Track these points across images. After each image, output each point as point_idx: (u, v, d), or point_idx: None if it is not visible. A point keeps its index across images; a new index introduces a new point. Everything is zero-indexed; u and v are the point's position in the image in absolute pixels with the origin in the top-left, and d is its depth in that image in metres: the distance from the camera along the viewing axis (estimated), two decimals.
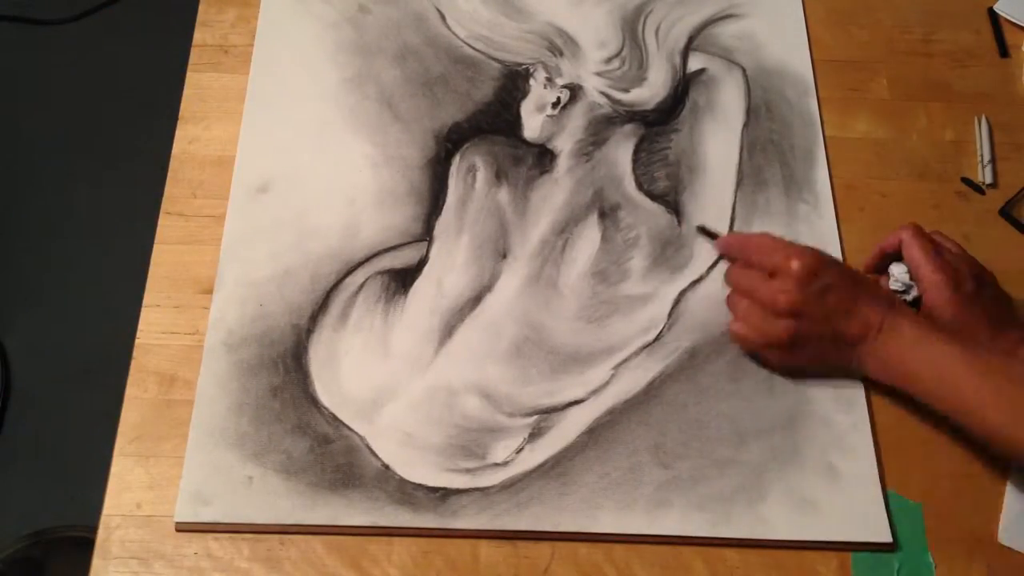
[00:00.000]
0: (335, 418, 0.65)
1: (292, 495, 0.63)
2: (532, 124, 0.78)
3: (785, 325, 0.65)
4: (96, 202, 1.57)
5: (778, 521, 0.63)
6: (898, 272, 0.70)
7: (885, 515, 0.64)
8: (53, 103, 1.67)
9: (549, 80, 0.81)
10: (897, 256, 0.70)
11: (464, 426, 0.66)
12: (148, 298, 0.70)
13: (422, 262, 0.72)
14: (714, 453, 0.65)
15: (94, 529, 0.62)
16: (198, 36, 0.82)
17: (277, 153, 0.76)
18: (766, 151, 0.78)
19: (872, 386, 0.68)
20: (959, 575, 0.63)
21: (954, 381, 0.63)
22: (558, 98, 0.79)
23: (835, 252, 0.73)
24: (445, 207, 0.74)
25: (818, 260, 0.66)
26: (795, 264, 0.65)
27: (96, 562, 0.61)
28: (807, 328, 0.65)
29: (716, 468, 0.65)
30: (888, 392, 0.68)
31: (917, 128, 0.81)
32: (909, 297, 0.69)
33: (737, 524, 0.63)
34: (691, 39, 0.83)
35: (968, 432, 0.65)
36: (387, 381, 0.67)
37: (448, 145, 0.77)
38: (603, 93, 0.80)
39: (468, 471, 0.64)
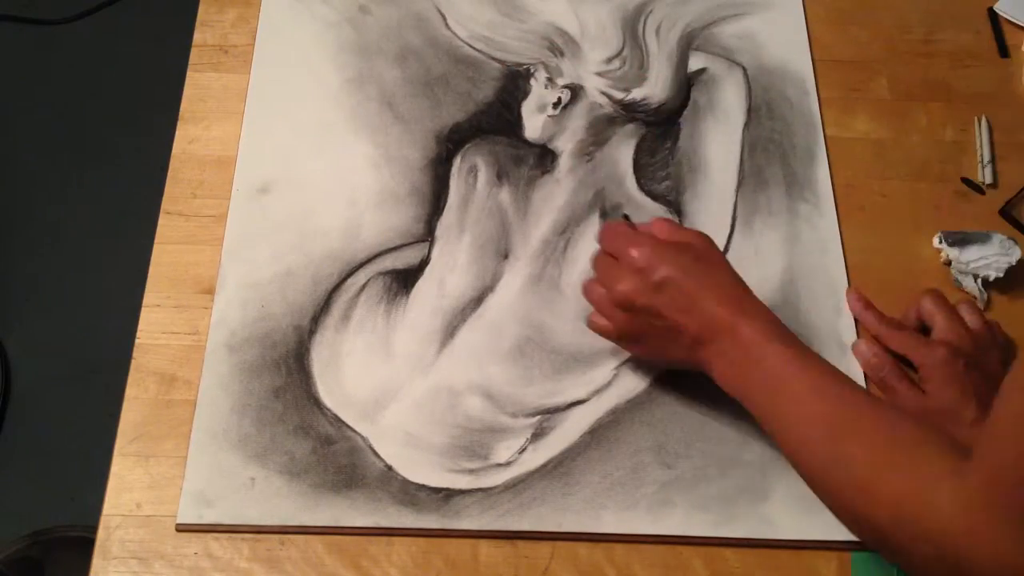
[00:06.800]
0: (337, 419, 0.65)
1: (295, 496, 0.63)
2: (533, 124, 0.78)
3: (623, 317, 0.62)
4: (96, 202, 1.57)
5: (780, 521, 0.63)
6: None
7: None
8: (53, 103, 1.67)
9: (550, 80, 0.80)
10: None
11: (467, 426, 0.66)
12: (148, 298, 0.70)
13: (424, 263, 0.72)
14: (716, 453, 0.65)
15: (94, 529, 0.62)
16: (198, 36, 0.82)
17: (278, 154, 0.76)
18: (767, 151, 0.78)
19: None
20: None
21: (782, 391, 0.57)
22: (559, 98, 0.79)
23: (836, 251, 0.73)
24: (446, 208, 0.74)
25: (660, 251, 0.61)
26: (634, 253, 0.61)
27: (96, 562, 0.61)
28: (641, 321, 0.61)
29: (718, 468, 0.65)
30: None
31: (917, 128, 0.81)
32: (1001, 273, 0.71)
33: (740, 524, 0.63)
34: (692, 39, 0.83)
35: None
36: (389, 382, 0.67)
37: (449, 145, 0.77)
38: (604, 93, 0.80)
39: (471, 471, 0.64)
